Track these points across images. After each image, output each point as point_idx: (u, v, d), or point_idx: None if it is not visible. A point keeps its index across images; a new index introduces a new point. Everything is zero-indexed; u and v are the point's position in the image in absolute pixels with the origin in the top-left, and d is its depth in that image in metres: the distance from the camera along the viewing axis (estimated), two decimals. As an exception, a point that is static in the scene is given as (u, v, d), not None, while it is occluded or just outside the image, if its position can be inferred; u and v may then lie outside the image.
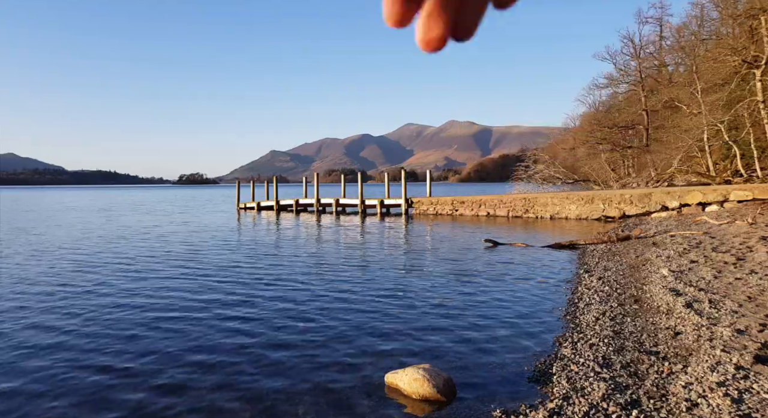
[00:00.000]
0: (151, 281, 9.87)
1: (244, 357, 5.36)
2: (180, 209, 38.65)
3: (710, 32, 30.09)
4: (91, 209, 41.04)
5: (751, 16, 23.52)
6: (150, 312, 7.36)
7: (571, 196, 22.95)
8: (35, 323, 6.85)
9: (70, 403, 4.33)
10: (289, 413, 4.08)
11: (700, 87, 26.98)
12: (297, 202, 31.45)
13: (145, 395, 4.46)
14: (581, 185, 38.48)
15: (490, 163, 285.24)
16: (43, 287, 9.39)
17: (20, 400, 4.40)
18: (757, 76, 23.51)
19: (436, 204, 26.79)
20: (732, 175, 26.12)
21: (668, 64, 38.62)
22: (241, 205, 34.57)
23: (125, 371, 5.03)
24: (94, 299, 8.25)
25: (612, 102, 44.95)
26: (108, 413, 4.14)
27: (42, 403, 4.34)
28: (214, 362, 5.25)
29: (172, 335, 6.20)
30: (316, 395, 4.37)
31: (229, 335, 6.16)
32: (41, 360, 5.39)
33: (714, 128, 26.19)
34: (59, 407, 4.26)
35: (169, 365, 5.18)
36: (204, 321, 6.82)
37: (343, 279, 9.70)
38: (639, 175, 34.33)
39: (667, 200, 19.51)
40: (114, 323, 6.77)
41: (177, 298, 8.28)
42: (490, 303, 7.58)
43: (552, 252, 12.59)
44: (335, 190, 36.76)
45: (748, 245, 9.96)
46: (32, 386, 4.71)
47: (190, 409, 4.16)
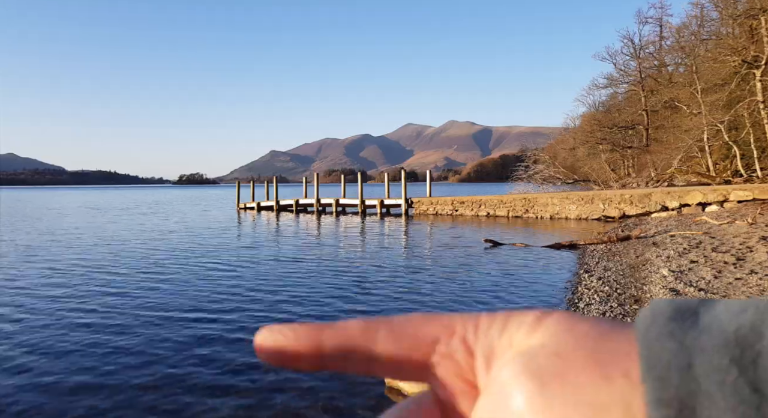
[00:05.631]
0: (151, 280, 9.86)
1: (243, 357, 5.36)
2: (187, 208, 38.66)
3: (710, 32, 30.07)
4: (112, 208, 41.04)
5: (751, 16, 23.52)
6: (151, 311, 7.35)
7: (571, 196, 22.95)
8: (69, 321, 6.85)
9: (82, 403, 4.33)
10: (288, 413, 4.08)
11: (700, 87, 26.99)
12: (297, 203, 31.44)
13: (145, 394, 4.46)
14: (581, 185, 38.46)
15: (490, 163, 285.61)
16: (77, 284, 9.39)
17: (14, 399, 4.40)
18: (757, 76, 23.51)
19: (436, 204, 26.79)
20: (732, 175, 26.13)
21: (668, 64, 38.61)
22: (241, 206, 34.56)
23: (119, 373, 5.03)
24: (92, 299, 8.25)
25: (612, 102, 44.94)
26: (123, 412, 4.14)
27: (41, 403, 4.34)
28: (212, 362, 5.25)
29: (171, 336, 6.19)
30: (316, 395, 4.37)
31: (223, 334, 6.16)
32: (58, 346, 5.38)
33: (714, 128, 26.20)
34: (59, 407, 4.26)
35: (168, 365, 5.17)
36: (203, 322, 6.82)
37: (342, 279, 9.69)
38: (639, 176, 34.33)
39: (667, 200, 19.51)
40: (103, 328, 6.77)
41: (177, 298, 8.28)
42: (491, 303, 7.58)
43: (552, 252, 12.60)
44: (335, 190, 36.76)
45: (748, 245, 9.96)
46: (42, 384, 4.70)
47: (191, 409, 4.16)
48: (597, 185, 36.39)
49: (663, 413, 0.19)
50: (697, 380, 0.19)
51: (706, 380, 0.19)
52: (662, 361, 0.20)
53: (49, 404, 4.32)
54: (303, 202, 31.59)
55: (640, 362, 0.20)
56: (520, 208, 23.97)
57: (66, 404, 4.33)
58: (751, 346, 0.19)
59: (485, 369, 0.24)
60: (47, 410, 4.21)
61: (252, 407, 4.18)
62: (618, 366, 0.21)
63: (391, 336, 0.26)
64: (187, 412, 4.12)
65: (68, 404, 4.33)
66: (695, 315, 0.21)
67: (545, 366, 0.22)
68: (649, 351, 0.20)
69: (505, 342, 0.24)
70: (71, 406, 4.28)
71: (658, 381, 0.19)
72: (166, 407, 4.21)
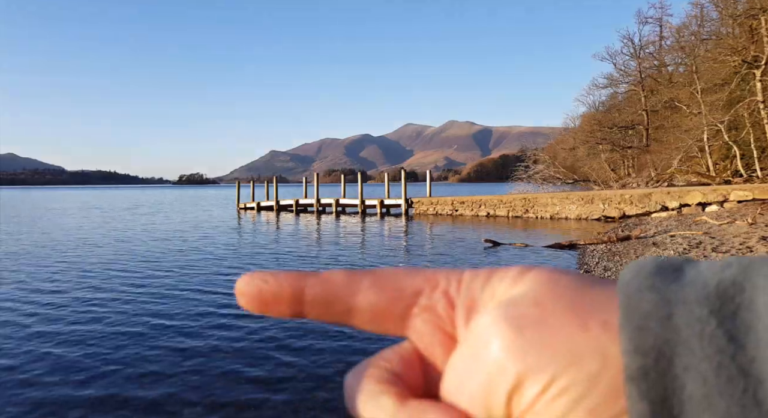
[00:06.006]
0: (151, 280, 9.86)
1: (243, 358, 5.36)
2: (187, 208, 38.67)
3: (710, 32, 30.08)
4: (112, 208, 41.05)
5: (751, 16, 23.54)
6: (149, 313, 7.35)
7: (571, 196, 22.94)
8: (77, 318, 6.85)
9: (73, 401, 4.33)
10: (287, 413, 4.08)
11: (700, 87, 27.00)
12: (297, 203, 31.43)
13: (143, 396, 4.46)
14: (581, 185, 38.47)
15: (490, 163, 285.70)
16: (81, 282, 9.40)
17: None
18: (757, 76, 23.53)
19: (436, 204, 26.78)
20: (732, 175, 26.14)
21: (668, 64, 38.64)
22: (241, 206, 34.55)
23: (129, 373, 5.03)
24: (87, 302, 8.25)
25: (612, 102, 44.98)
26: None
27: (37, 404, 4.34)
28: (211, 362, 5.25)
29: (172, 337, 6.19)
30: (314, 396, 4.37)
31: (225, 336, 6.16)
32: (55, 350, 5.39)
33: (714, 128, 26.21)
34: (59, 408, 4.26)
35: (168, 367, 5.18)
36: (203, 323, 6.82)
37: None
38: (639, 176, 34.34)
39: (667, 200, 19.51)
40: (104, 326, 6.77)
41: (176, 298, 8.28)
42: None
43: (552, 252, 12.60)
44: (335, 190, 36.77)
45: (748, 245, 9.96)
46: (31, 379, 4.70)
47: (192, 410, 4.16)
48: (597, 185, 36.39)
49: (639, 362, 0.19)
50: (675, 330, 0.19)
51: (684, 330, 0.19)
52: (642, 311, 0.20)
53: (50, 404, 4.32)
54: (303, 202, 31.59)
55: (620, 312, 0.20)
56: (520, 208, 23.97)
57: (71, 403, 4.33)
58: (732, 299, 0.19)
59: (465, 321, 0.24)
60: (46, 411, 4.21)
61: (251, 406, 4.18)
62: (596, 316, 0.21)
63: (375, 287, 0.26)
64: (188, 411, 4.12)
65: (73, 403, 4.33)
66: (678, 271, 0.21)
67: (524, 314, 0.22)
68: (629, 302, 0.20)
69: (488, 295, 0.24)
70: (75, 405, 4.28)
71: (637, 331, 0.19)
72: (166, 404, 4.21)
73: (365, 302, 0.26)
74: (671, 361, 0.19)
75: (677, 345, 0.19)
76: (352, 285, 0.26)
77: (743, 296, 0.19)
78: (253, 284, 0.26)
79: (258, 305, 0.26)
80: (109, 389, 4.63)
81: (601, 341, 0.20)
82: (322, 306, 0.26)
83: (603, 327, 0.20)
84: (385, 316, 0.26)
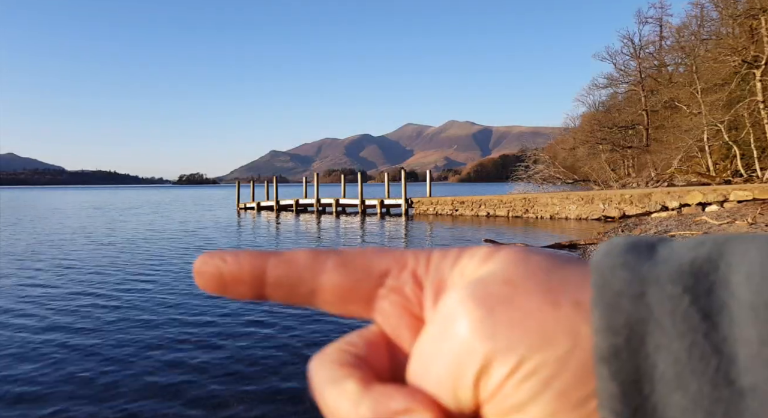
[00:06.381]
0: (152, 279, 9.87)
1: (243, 359, 5.36)
2: (187, 208, 38.68)
3: (710, 32, 30.10)
4: (114, 208, 41.06)
5: (751, 16, 23.55)
6: (147, 312, 7.36)
7: (571, 196, 22.95)
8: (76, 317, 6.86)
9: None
10: (288, 412, 4.08)
11: (700, 87, 27.02)
12: (297, 203, 31.44)
13: (143, 396, 4.47)
14: (581, 185, 38.48)
15: (490, 163, 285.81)
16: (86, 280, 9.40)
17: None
18: (757, 76, 23.55)
19: (436, 204, 26.79)
20: (732, 175, 26.15)
21: (668, 64, 38.66)
22: (241, 205, 34.56)
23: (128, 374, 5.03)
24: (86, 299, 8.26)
25: (612, 102, 45.00)
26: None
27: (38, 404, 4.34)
28: (212, 363, 5.25)
29: (174, 337, 6.19)
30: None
31: (228, 337, 6.16)
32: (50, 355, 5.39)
33: (714, 128, 26.24)
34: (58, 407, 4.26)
35: (169, 368, 5.18)
36: (205, 323, 6.83)
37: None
38: (639, 175, 34.36)
39: (667, 200, 19.52)
40: (104, 325, 6.78)
41: (176, 298, 8.28)
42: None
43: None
44: (335, 190, 36.77)
45: (748, 245, 9.96)
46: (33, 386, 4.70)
47: (195, 411, 4.17)
48: (597, 185, 36.41)
49: (611, 340, 0.18)
50: (648, 307, 0.18)
51: (657, 308, 0.18)
52: (614, 289, 0.19)
53: (52, 405, 4.32)
54: (303, 202, 31.59)
55: (592, 290, 0.20)
56: (520, 208, 23.97)
57: (74, 402, 4.33)
58: (706, 276, 0.18)
59: (433, 302, 0.24)
60: (47, 411, 4.21)
61: (250, 407, 4.18)
62: (568, 294, 0.20)
63: (340, 268, 0.25)
64: (190, 411, 4.13)
65: (76, 402, 4.33)
66: (652, 249, 0.20)
67: (493, 293, 0.21)
68: (601, 280, 0.20)
69: (457, 274, 0.24)
70: (78, 404, 4.29)
71: (608, 309, 0.19)
72: (167, 406, 4.21)
73: (329, 283, 0.24)
74: (643, 340, 0.18)
75: (649, 323, 0.18)
76: (316, 266, 0.24)
77: (717, 274, 0.18)
78: (212, 263, 0.25)
79: (216, 285, 0.25)
80: (109, 388, 4.64)
81: (572, 320, 0.20)
82: (285, 287, 0.24)
83: (575, 306, 0.20)
84: (350, 298, 0.24)
